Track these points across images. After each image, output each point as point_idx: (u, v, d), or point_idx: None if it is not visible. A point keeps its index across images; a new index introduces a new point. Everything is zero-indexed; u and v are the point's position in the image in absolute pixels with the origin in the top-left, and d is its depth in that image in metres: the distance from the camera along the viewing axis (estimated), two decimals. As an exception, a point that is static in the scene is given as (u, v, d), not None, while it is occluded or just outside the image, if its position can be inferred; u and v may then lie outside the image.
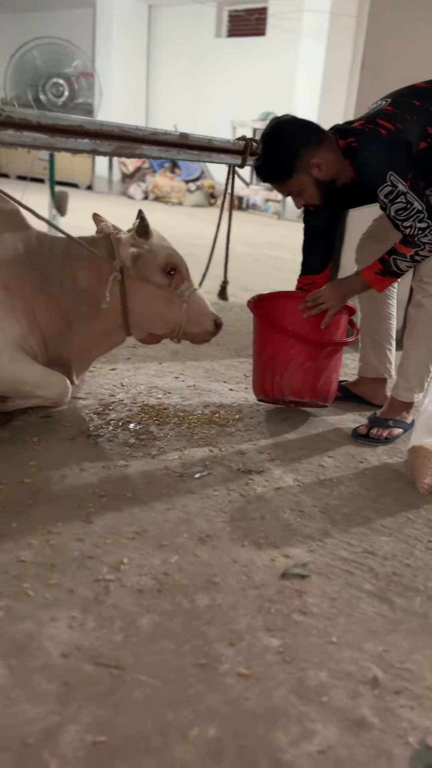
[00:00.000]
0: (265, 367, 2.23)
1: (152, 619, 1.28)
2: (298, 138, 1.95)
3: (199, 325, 2.19)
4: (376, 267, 2.01)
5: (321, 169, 1.96)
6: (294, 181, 1.99)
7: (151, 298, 2.11)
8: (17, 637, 1.20)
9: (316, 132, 1.98)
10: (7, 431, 2.03)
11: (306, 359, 2.16)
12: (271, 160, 1.99)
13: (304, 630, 1.28)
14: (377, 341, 2.42)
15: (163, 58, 11.59)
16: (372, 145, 1.89)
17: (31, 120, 1.55)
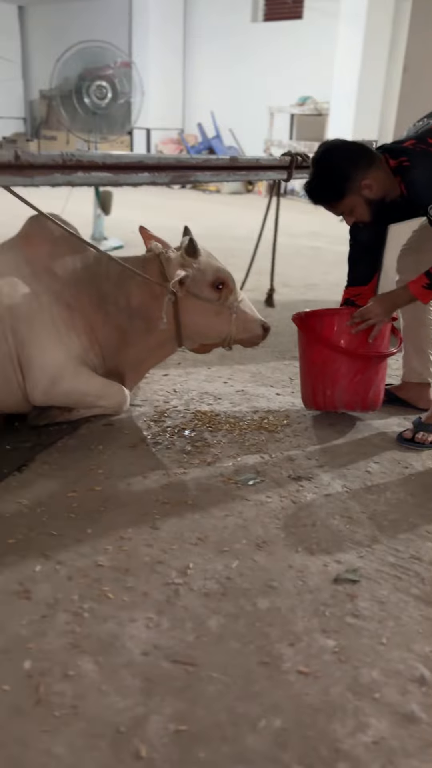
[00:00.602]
0: (316, 382, 2.34)
1: (219, 621, 1.43)
2: (349, 161, 2.04)
3: (248, 332, 2.32)
4: (422, 281, 2.10)
5: (372, 189, 2.05)
6: (345, 202, 2.08)
7: (203, 313, 2.24)
8: (102, 637, 1.37)
9: (365, 154, 2.06)
10: (74, 439, 2.20)
11: (356, 373, 2.27)
12: (322, 184, 2.09)
13: (357, 632, 1.41)
14: (420, 347, 2.50)
15: (199, 44, 11.57)
16: (423, 164, 1.97)
17: (97, 161, 1.69)
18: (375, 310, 2.19)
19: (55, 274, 2.20)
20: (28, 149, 1.89)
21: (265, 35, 10.73)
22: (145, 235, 2.36)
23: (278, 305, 3.17)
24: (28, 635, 1.36)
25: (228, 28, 11.04)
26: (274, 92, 10.30)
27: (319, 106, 9.62)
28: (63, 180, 1.63)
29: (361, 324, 2.20)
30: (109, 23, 11.70)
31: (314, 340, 2.32)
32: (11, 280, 2.14)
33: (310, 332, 2.32)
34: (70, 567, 1.58)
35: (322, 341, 2.28)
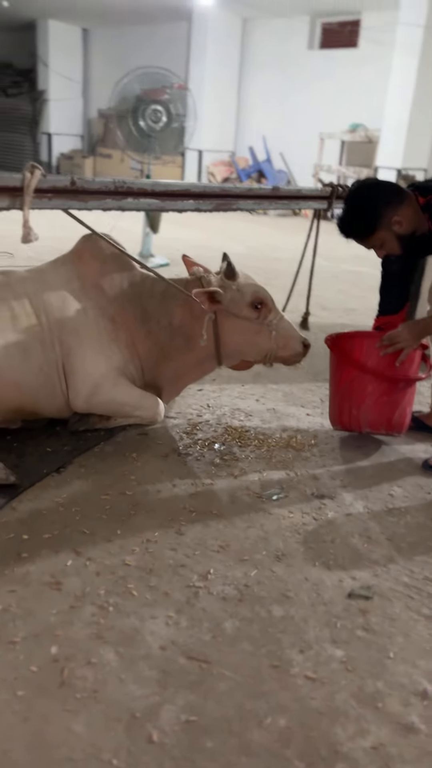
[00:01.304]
0: (343, 401, 2.42)
1: (234, 624, 1.51)
2: (380, 198, 2.14)
3: (289, 349, 2.40)
4: None
5: (402, 225, 2.14)
6: (376, 237, 2.18)
7: (242, 331, 2.34)
8: (124, 630, 1.46)
9: (396, 192, 2.15)
10: (110, 446, 2.32)
11: (382, 394, 2.34)
12: (354, 219, 2.19)
13: (366, 644, 1.48)
14: (449, 376, 2.55)
15: (255, 69, 11.83)
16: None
17: (146, 188, 1.82)
18: (404, 335, 2.26)
19: (103, 290, 2.33)
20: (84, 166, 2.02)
21: (320, 63, 10.91)
22: (187, 262, 2.48)
23: (315, 328, 3.25)
24: (57, 623, 1.47)
25: (284, 55, 11.27)
26: (326, 118, 10.45)
27: (369, 134, 9.73)
28: (114, 205, 1.76)
29: (390, 347, 2.28)
30: (168, 48, 12.08)
31: (343, 359, 2.40)
32: (62, 293, 2.29)
33: (340, 352, 2.40)
34: (99, 564, 1.68)
35: (351, 361, 2.36)
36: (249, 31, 11.69)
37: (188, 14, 11.26)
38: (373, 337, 2.35)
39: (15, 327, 2.19)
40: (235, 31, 11.60)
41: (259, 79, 11.77)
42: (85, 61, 14.10)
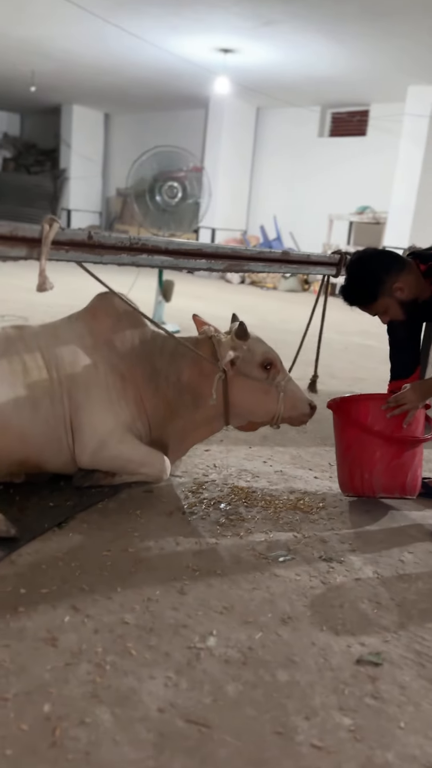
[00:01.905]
0: (353, 466, 2.39)
1: (237, 688, 1.44)
2: (382, 266, 2.19)
3: (296, 410, 2.40)
4: None
5: (403, 291, 2.18)
6: (379, 304, 2.22)
7: (252, 391, 2.35)
8: (121, 690, 1.39)
9: (396, 260, 2.21)
10: (114, 503, 2.29)
11: (393, 457, 2.31)
12: (357, 287, 2.24)
13: (375, 713, 1.40)
14: (460, 443, 2.53)
15: (267, 154, 12.40)
16: None
17: (160, 246, 1.87)
18: (409, 396, 2.26)
19: (114, 347, 2.36)
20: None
21: (329, 149, 11.44)
22: (197, 322, 2.52)
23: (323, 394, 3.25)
24: (51, 680, 1.40)
25: (295, 142, 11.83)
26: (335, 201, 10.85)
27: (377, 216, 10.06)
28: (129, 260, 1.81)
29: (396, 409, 2.27)
30: (185, 131, 12.74)
31: (350, 424, 2.38)
32: (73, 349, 2.32)
33: (345, 416, 2.39)
34: (98, 621, 1.62)
35: (358, 425, 2.34)
36: (262, 118, 12.33)
37: (205, 102, 11.93)
38: (377, 399, 2.35)
39: (25, 380, 2.20)
40: (249, 119, 12.23)
41: (271, 162, 12.32)
42: (106, 143, 14.87)
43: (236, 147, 12.09)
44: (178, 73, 9.90)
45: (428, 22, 6.62)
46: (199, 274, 11.84)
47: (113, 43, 8.50)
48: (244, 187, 12.54)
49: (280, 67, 9.03)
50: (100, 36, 8.23)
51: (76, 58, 9.58)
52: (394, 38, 7.27)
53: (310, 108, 11.47)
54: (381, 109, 10.57)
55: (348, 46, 7.74)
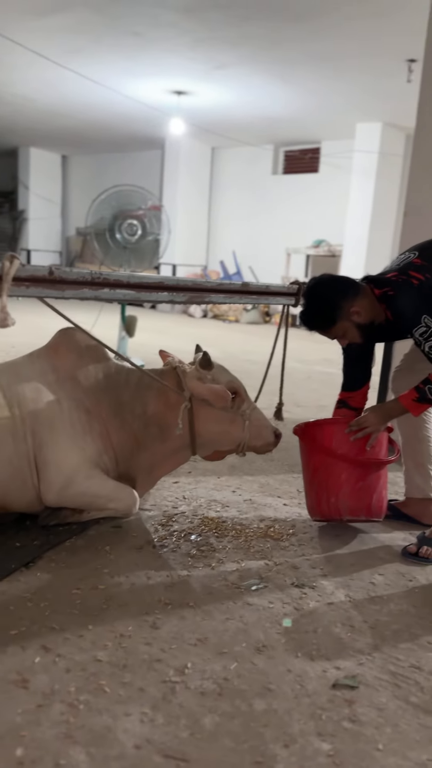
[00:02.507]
0: (320, 490, 2.41)
1: (214, 719, 1.42)
2: (337, 291, 2.26)
3: (261, 438, 2.43)
4: (412, 395, 2.23)
5: (360, 315, 2.24)
6: (338, 328, 2.28)
7: (217, 421, 2.36)
8: (96, 729, 1.36)
9: (351, 285, 2.28)
10: (82, 540, 2.25)
11: (358, 480, 2.35)
12: (315, 313, 2.30)
13: (353, 736, 1.39)
14: (420, 462, 2.58)
15: (224, 192, 12.67)
16: (407, 294, 2.17)
17: (122, 280, 1.89)
18: (370, 420, 2.31)
19: (78, 382, 2.36)
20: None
21: (284, 186, 11.76)
22: (163, 355, 2.54)
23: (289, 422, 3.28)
24: (23, 723, 1.36)
25: (251, 179, 12.14)
26: (291, 235, 11.12)
27: (332, 248, 10.34)
28: (91, 294, 1.82)
29: (358, 432, 2.31)
30: (142, 171, 12.96)
31: (315, 448, 2.41)
32: (36, 385, 2.30)
33: (311, 441, 2.43)
34: (69, 660, 1.59)
35: (323, 449, 2.38)
36: (217, 157, 12.64)
37: (161, 143, 12.18)
38: (341, 423, 2.39)
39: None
40: (205, 158, 12.52)
41: (228, 199, 12.58)
42: (64, 184, 15.00)
43: (193, 185, 12.33)
44: (134, 115, 10.11)
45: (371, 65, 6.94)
46: (161, 308, 11.92)
47: (69, 86, 8.66)
48: (202, 223, 12.76)
49: (233, 108, 9.31)
50: (57, 80, 8.39)
51: (32, 102, 9.72)
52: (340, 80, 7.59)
53: (264, 146, 11.81)
54: (332, 146, 10.94)
55: (297, 88, 8.04)
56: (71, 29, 6.58)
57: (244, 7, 5.67)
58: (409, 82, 6.75)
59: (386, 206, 9.84)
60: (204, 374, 2.36)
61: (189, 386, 2.32)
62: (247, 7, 5.67)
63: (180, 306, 11.82)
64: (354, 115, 9.30)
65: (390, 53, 6.53)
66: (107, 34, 6.67)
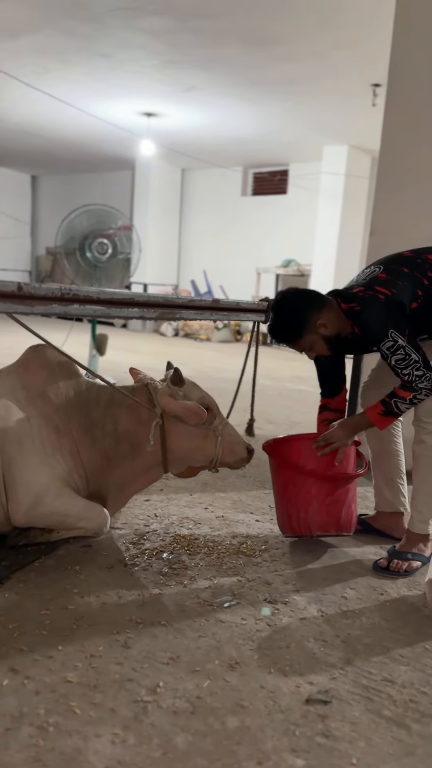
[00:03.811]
0: (289, 506, 2.42)
1: (187, 738, 1.40)
2: (304, 304, 2.29)
3: (234, 454, 2.42)
4: (379, 408, 2.26)
5: (327, 327, 2.28)
6: (305, 340, 2.31)
7: (189, 437, 2.35)
8: (66, 751, 1.33)
9: (318, 298, 2.32)
10: (52, 560, 2.22)
11: (326, 495, 2.36)
12: (282, 326, 2.33)
13: (327, 751, 1.38)
14: (389, 477, 2.60)
15: (194, 214, 12.78)
16: (373, 308, 2.20)
17: (92, 296, 1.89)
18: (337, 434, 2.33)
19: (49, 399, 2.33)
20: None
21: (253, 207, 11.91)
22: (134, 374, 2.53)
23: (260, 438, 3.30)
24: (-11, 748, 1.32)
25: (220, 200, 12.26)
26: (261, 255, 11.25)
27: (301, 268, 10.49)
28: (60, 310, 1.82)
29: (326, 447, 2.33)
30: (112, 191, 13.00)
31: (283, 464, 2.42)
32: (5, 403, 2.27)
33: (280, 458, 2.44)
34: (39, 682, 1.55)
35: (291, 465, 2.39)
36: (187, 179, 12.76)
37: (132, 164, 12.26)
38: (309, 439, 2.40)
39: None
40: (175, 179, 12.63)
41: (198, 220, 12.69)
42: (34, 204, 14.97)
43: (164, 206, 12.41)
44: (104, 136, 10.16)
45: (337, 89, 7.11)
46: (132, 327, 11.90)
47: (39, 107, 8.68)
48: (173, 243, 12.83)
49: (203, 130, 9.43)
50: (26, 100, 8.40)
51: (2, 121, 9.71)
52: (308, 103, 7.75)
53: (233, 168, 11.96)
54: (299, 168, 11.14)
55: (265, 110, 8.18)
56: (40, 51, 6.62)
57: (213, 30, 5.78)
58: (374, 105, 6.93)
59: (353, 227, 10.03)
60: (175, 391, 2.36)
61: (161, 403, 2.31)
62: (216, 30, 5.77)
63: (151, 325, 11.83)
64: (321, 138, 9.49)
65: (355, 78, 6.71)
66: (77, 56, 6.72)
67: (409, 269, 2.27)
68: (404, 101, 3.52)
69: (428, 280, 2.26)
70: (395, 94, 3.56)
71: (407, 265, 2.29)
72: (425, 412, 2.32)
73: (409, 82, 3.49)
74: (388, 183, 3.60)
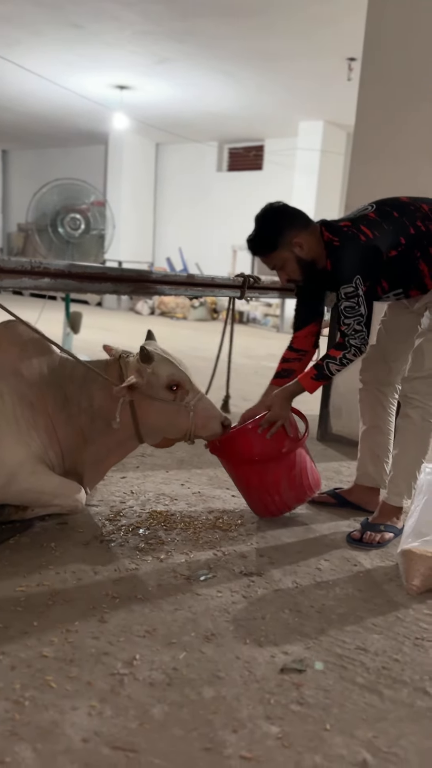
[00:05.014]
0: (261, 495, 2.42)
1: (163, 709, 1.41)
2: (285, 219, 2.28)
3: (207, 429, 2.40)
4: (311, 373, 2.29)
5: (302, 248, 2.27)
6: (277, 255, 2.29)
7: (160, 413, 2.33)
8: (42, 724, 1.33)
9: (302, 218, 2.31)
10: (27, 537, 2.21)
11: (290, 469, 2.37)
12: (259, 236, 2.31)
13: (301, 718, 1.41)
14: (376, 454, 2.63)
15: (169, 189, 12.63)
16: (350, 248, 2.20)
17: (63, 269, 1.86)
18: (276, 413, 2.33)
19: (22, 376, 2.29)
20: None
21: (228, 183, 11.81)
22: (107, 349, 2.49)
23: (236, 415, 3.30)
24: (-35, 723, 1.32)
25: (195, 176, 12.14)
26: (237, 231, 11.15)
27: (278, 244, 10.44)
28: (30, 284, 1.78)
29: (272, 428, 2.33)
30: (85, 166, 12.78)
31: (238, 461, 2.39)
32: (-23, 380, 2.23)
33: (231, 456, 2.40)
34: (14, 657, 1.55)
35: (246, 460, 2.36)
36: (162, 153, 12.59)
37: (105, 138, 12.04)
38: (252, 429, 2.36)
39: None
40: (149, 154, 12.45)
41: (173, 196, 12.55)
42: (5, 180, 14.66)
43: (138, 181, 12.24)
44: (76, 110, 9.96)
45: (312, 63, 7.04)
46: (107, 305, 11.79)
47: (9, 78, 8.45)
48: (148, 220, 12.69)
49: (176, 104, 9.29)
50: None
51: (-30, 93, 9.45)
52: (283, 77, 7.67)
53: (208, 143, 11.82)
54: (275, 144, 11.05)
55: (240, 85, 8.07)
56: (10, 20, 6.43)
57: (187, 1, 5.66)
58: (349, 80, 6.88)
59: (328, 203, 10.01)
60: (144, 368, 2.32)
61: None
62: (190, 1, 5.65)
63: (126, 303, 11.73)
64: (296, 114, 9.41)
65: (330, 52, 6.64)
66: (48, 26, 6.54)
67: (400, 214, 2.26)
68: (379, 75, 3.50)
69: (415, 228, 2.25)
70: (370, 68, 3.54)
71: (399, 209, 2.28)
72: (411, 388, 2.34)
73: (384, 56, 3.46)
74: (363, 157, 3.59)
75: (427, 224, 2.26)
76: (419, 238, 2.25)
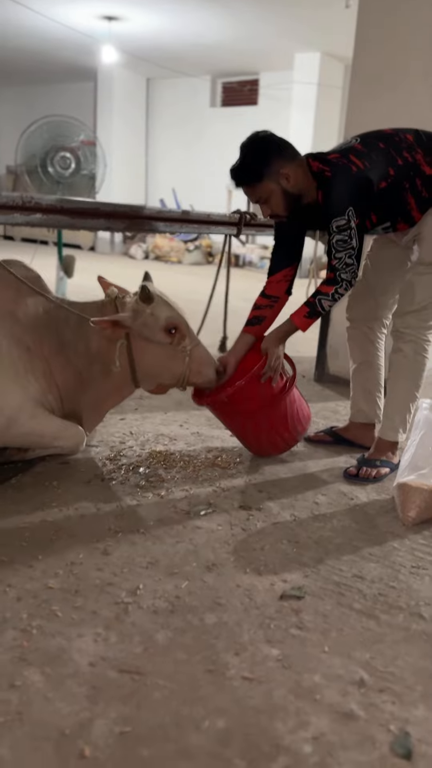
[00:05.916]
0: (272, 435, 2.44)
1: (167, 635, 1.46)
2: (272, 148, 2.20)
3: (201, 375, 2.39)
4: (304, 310, 2.27)
5: (289, 180, 2.19)
6: (262, 187, 2.21)
7: (156, 356, 2.31)
8: (50, 650, 1.38)
9: (290, 149, 2.23)
10: (29, 477, 2.23)
11: (292, 403, 2.40)
12: (244, 165, 2.23)
13: (300, 642, 1.46)
14: (368, 389, 2.64)
15: (161, 127, 12.24)
16: (342, 179, 2.15)
17: (55, 205, 1.81)
18: (273, 352, 2.30)
19: (18, 319, 2.27)
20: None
21: (222, 119, 11.44)
22: (103, 283, 2.45)
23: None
24: (-25, 650, 1.36)
25: (188, 113, 11.75)
26: (232, 170, 10.89)
27: (274, 183, 10.21)
28: (22, 220, 1.75)
29: (274, 374, 2.32)
30: (74, 104, 12.33)
31: (242, 411, 2.37)
32: (-29, 323, 2.21)
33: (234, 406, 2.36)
34: (20, 589, 1.59)
35: (250, 409, 2.34)
36: (153, 89, 12.15)
37: (93, 74, 11.59)
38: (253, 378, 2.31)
39: None
40: (140, 90, 12.01)
41: (165, 134, 12.18)
42: (-8, 120, 14.15)
43: (128, 119, 11.86)
44: (63, 42, 9.54)
45: (310, -12, 6.72)
46: (100, 250, 11.61)
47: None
48: (140, 159, 12.36)
49: (167, 36, 8.90)
50: (-24, 2, 7.79)
51: None
52: (277, 7, 7.32)
53: (201, 78, 11.40)
54: (270, 78, 10.66)
55: (234, 15, 7.72)
56: None
57: None
58: (347, 7, 6.57)
59: (326, 138, 9.71)
60: (142, 308, 2.29)
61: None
62: None
63: (120, 247, 11.55)
64: (292, 45, 9.04)
65: (328, -24, 6.33)
66: None
67: (386, 145, 2.21)
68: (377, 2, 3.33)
69: (402, 159, 2.20)
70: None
71: (384, 140, 2.22)
72: (402, 323, 2.33)
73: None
74: (361, 90, 3.46)
75: (414, 155, 2.20)
76: (407, 169, 2.20)
